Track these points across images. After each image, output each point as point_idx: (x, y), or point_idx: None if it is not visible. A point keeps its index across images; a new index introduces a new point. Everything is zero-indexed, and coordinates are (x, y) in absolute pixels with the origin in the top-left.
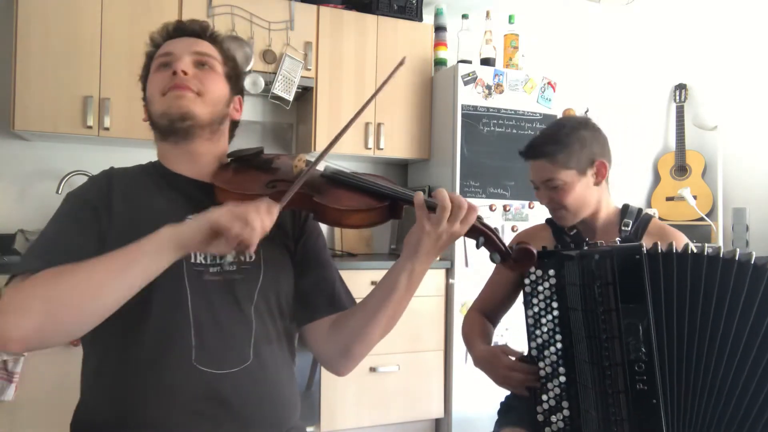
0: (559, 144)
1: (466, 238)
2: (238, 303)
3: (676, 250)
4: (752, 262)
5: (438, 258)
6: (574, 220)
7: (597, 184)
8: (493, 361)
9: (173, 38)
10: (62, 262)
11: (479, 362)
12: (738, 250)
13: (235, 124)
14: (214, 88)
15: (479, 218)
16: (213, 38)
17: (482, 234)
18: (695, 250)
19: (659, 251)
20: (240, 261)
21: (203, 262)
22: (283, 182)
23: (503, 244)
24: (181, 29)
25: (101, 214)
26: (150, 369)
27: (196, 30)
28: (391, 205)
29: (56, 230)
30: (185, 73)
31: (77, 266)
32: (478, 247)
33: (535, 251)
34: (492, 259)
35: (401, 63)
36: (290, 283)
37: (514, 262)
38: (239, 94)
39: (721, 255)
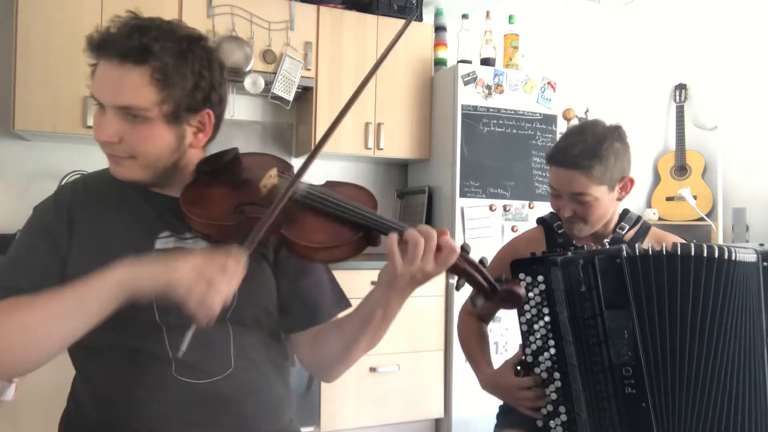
0: (598, 158)
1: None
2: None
3: (653, 251)
4: (715, 256)
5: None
6: (588, 233)
7: (620, 199)
8: (501, 384)
9: (100, 57)
10: (20, 289)
11: (487, 387)
12: (705, 246)
13: (215, 132)
14: (146, 147)
15: (464, 253)
16: (147, 54)
17: (464, 273)
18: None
19: (638, 254)
20: None
21: None
22: (252, 206)
23: (488, 281)
24: (105, 46)
25: (59, 241)
26: (131, 381)
27: (121, 51)
28: (366, 235)
29: (18, 251)
30: (111, 142)
31: (20, 307)
32: (457, 289)
33: (523, 295)
34: (474, 302)
35: (408, 21)
36: (272, 292)
37: (500, 302)
38: (205, 109)
39: (693, 253)
